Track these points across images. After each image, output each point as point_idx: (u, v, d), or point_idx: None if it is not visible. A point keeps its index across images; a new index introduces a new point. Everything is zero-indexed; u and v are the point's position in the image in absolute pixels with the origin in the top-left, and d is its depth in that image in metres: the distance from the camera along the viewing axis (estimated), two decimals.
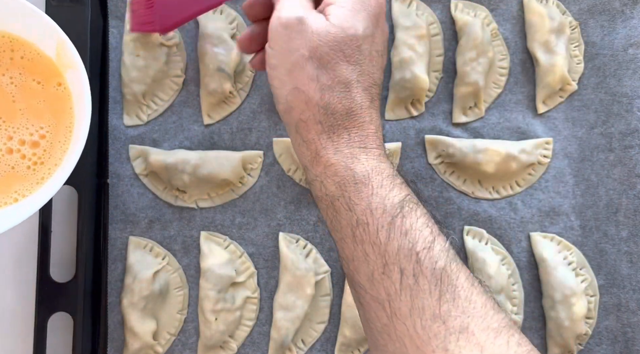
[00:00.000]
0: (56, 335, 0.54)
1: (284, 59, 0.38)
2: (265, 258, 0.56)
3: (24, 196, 0.42)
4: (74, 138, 0.43)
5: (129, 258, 0.54)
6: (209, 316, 0.53)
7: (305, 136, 0.39)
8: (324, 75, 0.38)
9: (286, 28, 0.38)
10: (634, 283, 0.56)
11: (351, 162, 0.38)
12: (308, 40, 0.37)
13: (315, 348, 0.55)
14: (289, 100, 0.39)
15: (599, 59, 0.59)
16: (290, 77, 0.38)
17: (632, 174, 0.57)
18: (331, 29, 0.38)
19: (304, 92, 0.38)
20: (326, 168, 0.39)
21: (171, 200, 0.56)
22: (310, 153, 0.39)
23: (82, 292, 0.53)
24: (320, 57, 0.38)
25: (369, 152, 0.39)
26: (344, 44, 0.38)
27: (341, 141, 0.38)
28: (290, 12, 0.38)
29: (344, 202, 0.38)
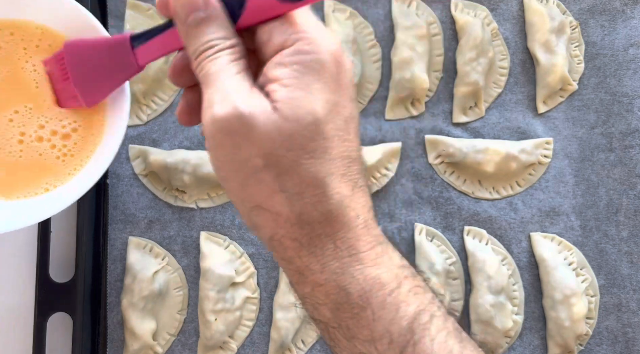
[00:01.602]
0: (56, 335, 0.54)
1: (234, 171, 0.30)
2: (265, 258, 0.56)
3: (54, 186, 0.42)
4: (107, 132, 0.42)
5: (128, 258, 0.54)
6: (209, 317, 0.53)
7: (283, 255, 0.32)
8: (287, 182, 0.30)
9: (227, 134, 0.29)
10: (634, 283, 0.56)
11: (343, 280, 0.31)
12: (258, 146, 0.29)
13: (315, 348, 0.55)
14: (254, 220, 0.31)
15: (599, 58, 0.59)
16: (247, 193, 0.30)
17: (632, 174, 0.57)
18: (283, 124, 0.29)
19: (269, 210, 0.30)
20: (314, 289, 0.31)
21: (171, 200, 0.56)
22: (293, 272, 0.32)
23: (82, 292, 0.53)
24: (277, 163, 0.29)
25: (363, 259, 0.31)
26: (303, 137, 0.29)
27: (326, 253, 0.31)
28: (225, 107, 0.29)
29: (341, 332, 0.32)
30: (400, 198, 0.57)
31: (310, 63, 0.29)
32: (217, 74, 0.30)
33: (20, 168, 0.42)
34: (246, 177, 0.30)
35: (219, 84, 0.29)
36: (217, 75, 0.30)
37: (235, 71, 0.30)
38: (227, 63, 0.30)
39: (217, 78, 0.30)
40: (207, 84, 0.30)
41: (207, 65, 0.30)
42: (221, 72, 0.30)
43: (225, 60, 0.30)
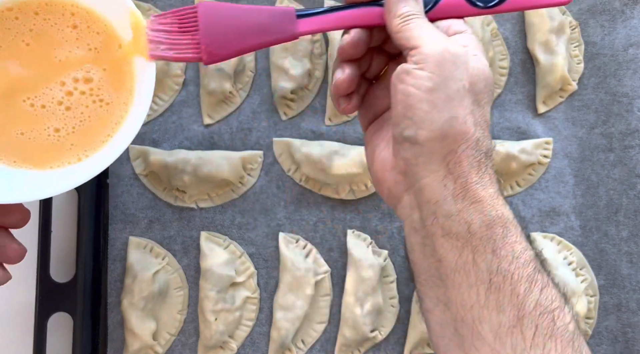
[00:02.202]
0: (56, 335, 0.54)
1: (445, 85, 0.37)
2: (265, 258, 0.56)
3: (86, 156, 0.42)
4: (136, 101, 0.42)
5: (129, 258, 0.54)
6: (209, 316, 0.53)
7: (454, 168, 0.37)
8: (477, 111, 0.37)
9: (454, 56, 0.37)
10: (634, 283, 0.56)
11: (497, 203, 0.37)
12: (470, 74, 0.37)
13: (315, 348, 0.55)
14: (445, 129, 0.37)
15: (599, 58, 0.59)
16: (448, 105, 0.37)
17: (632, 174, 0.57)
18: (486, 68, 0.38)
19: (463, 123, 0.37)
20: (473, 204, 0.37)
21: (171, 200, 0.56)
22: (456, 186, 0.37)
23: (82, 292, 0.53)
24: (477, 92, 0.37)
25: (501, 195, 0.38)
26: (491, 85, 0.38)
27: (486, 179, 0.37)
28: (457, 46, 0.38)
29: (488, 245, 0.36)
30: None
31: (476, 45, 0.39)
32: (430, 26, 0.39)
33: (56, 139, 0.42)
34: (454, 91, 0.37)
35: (436, 31, 0.38)
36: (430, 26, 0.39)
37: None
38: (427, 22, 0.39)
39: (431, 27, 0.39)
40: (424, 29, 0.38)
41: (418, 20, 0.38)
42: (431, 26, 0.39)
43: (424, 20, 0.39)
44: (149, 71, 0.41)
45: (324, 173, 0.55)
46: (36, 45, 0.42)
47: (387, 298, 0.56)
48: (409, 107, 0.37)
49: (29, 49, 0.42)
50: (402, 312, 0.56)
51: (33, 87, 0.42)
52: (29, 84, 0.42)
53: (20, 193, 0.40)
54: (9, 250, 0.41)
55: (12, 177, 0.41)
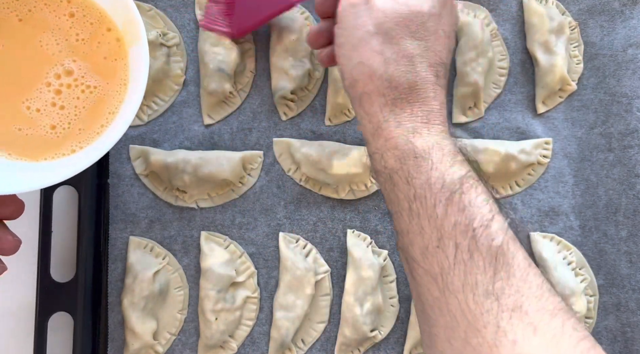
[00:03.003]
0: (56, 335, 0.54)
1: (350, 35, 0.40)
2: (265, 258, 0.56)
3: (81, 147, 0.43)
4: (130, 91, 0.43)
5: (129, 258, 0.54)
6: (209, 316, 0.53)
7: (368, 109, 0.40)
8: (388, 49, 0.39)
9: (354, 7, 0.40)
10: (633, 283, 0.56)
11: (412, 136, 0.39)
12: (374, 17, 0.39)
13: (315, 348, 0.55)
14: (354, 74, 0.40)
15: (598, 59, 0.60)
16: (355, 52, 0.39)
17: (631, 174, 0.57)
18: (396, 6, 0.39)
19: (369, 66, 0.39)
20: (387, 141, 0.39)
21: (171, 200, 0.56)
22: (372, 126, 0.40)
23: (82, 292, 0.53)
24: (385, 32, 0.39)
25: (432, 128, 0.39)
26: (409, 19, 0.39)
27: (403, 115, 0.39)
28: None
29: (402, 176, 0.38)
30: None
31: None
32: None
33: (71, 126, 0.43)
34: (359, 39, 0.39)
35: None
36: None
37: None
38: None
39: None
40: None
41: None
42: None
43: None
44: (143, 62, 0.41)
45: (324, 173, 0.55)
46: (27, 26, 0.43)
47: (387, 298, 0.56)
48: (337, 58, 0.42)
49: (20, 25, 0.42)
50: (402, 312, 0.56)
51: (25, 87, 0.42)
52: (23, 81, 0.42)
53: (15, 185, 0.40)
54: (4, 241, 0.41)
55: (7, 168, 0.41)
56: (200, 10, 0.57)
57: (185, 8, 0.58)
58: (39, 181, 0.40)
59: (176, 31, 0.57)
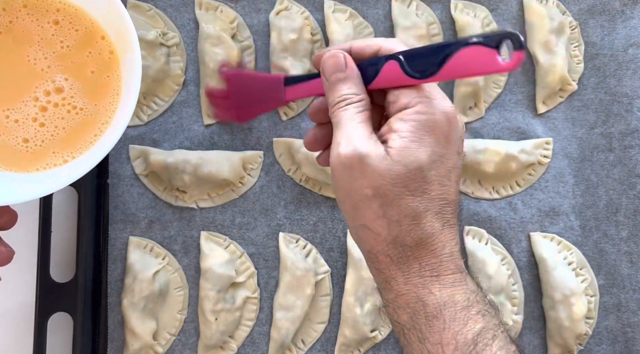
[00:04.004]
0: (56, 335, 0.54)
1: (348, 197, 0.38)
2: (265, 258, 0.56)
3: (73, 157, 0.43)
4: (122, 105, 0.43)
5: (129, 258, 0.54)
6: (209, 316, 0.53)
7: (377, 266, 0.39)
8: (390, 211, 0.37)
9: (347, 168, 0.37)
10: (634, 283, 0.56)
11: (423, 294, 0.37)
12: (370, 179, 0.36)
13: (315, 348, 0.55)
14: (359, 234, 0.39)
15: (599, 59, 0.59)
16: (357, 214, 0.38)
17: (632, 174, 0.57)
18: (393, 166, 0.36)
19: (372, 229, 0.37)
20: (397, 297, 0.38)
21: (171, 200, 0.56)
22: (381, 280, 0.39)
23: (82, 292, 0.53)
24: (384, 194, 0.37)
25: (442, 280, 0.37)
26: (407, 179, 0.36)
27: (412, 271, 0.37)
28: (349, 148, 0.37)
29: (415, 334, 0.37)
30: None
31: (426, 122, 0.37)
32: (345, 121, 0.38)
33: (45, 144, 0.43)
34: (357, 202, 0.37)
35: (345, 129, 0.38)
36: (345, 122, 0.38)
37: (358, 120, 0.38)
38: (354, 114, 0.38)
39: (345, 125, 0.38)
40: (337, 128, 0.39)
41: (339, 113, 0.39)
42: (348, 120, 0.38)
43: (353, 112, 0.38)
44: (136, 70, 0.41)
45: (324, 173, 0.55)
46: (8, 38, 0.42)
47: None
48: (342, 213, 0.40)
49: (1, 37, 0.42)
50: None
51: (8, 97, 0.42)
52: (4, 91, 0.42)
53: (7, 196, 0.40)
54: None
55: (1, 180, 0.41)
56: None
57: (185, 8, 0.58)
58: (31, 192, 0.40)
59: (176, 31, 0.57)
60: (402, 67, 0.38)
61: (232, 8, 0.58)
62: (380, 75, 0.39)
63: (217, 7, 0.58)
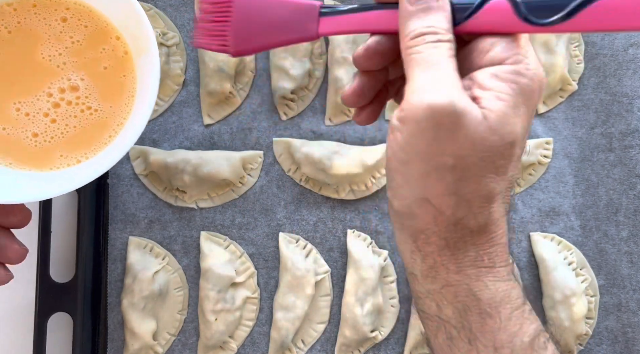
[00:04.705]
0: (56, 335, 0.54)
1: (421, 159, 0.30)
2: (265, 258, 0.56)
3: (87, 157, 0.43)
4: (137, 104, 0.43)
5: (129, 258, 0.54)
6: (209, 317, 0.53)
7: (423, 247, 0.32)
8: (465, 188, 0.30)
9: (434, 123, 0.29)
10: (634, 283, 0.56)
11: (476, 286, 0.32)
12: (457, 147, 0.29)
13: (315, 348, 0.55)
14: (413, 208, 0.32)
15: (599, 58, 0.59)
16: (422, 183, 0.31)
17: (632, 174, 0.57)
18: (489, 136, 0.29)
19: (435, 205, 0.31)
20: (444, 287, 0.32)
21: (171, 200, 0.56)
22: (425, 265, 0.33)
23: (82, 292, 0.53)
24: (466, 167, 0.30)
25: (497, 273, 0.32)
26: (498, 153, 0.30)
27: (466, 259, 0.32)
28: (444, 97, 0.28)
29: (462, 332, 0.32)
30: None
31: (526, 87, 0.30)
32: (438, 62, 0.30)
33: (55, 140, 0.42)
34: (430, 169, 0.30)
35: (438, 72, 0.29)
36: (438, 62, 0.30)
37: (453, 67, 0.30)
38: (448, 56, 0.30)
39: (437, 66, 0.30)
40: (424, 67, 0.30)
41: (427, 49, 0.30)
42: (441, 61, 0.30)
43: (447, 52, 0.30)
44: (153, 73, 0.41)
45: (324, 173, 0.55)
46: (18, 37, 0.42)
47: (387, 298, 0.56)
48: (389, 169, 0.33)
49: (10, 37, 0.42)
50: (402, 312, 0.56)
51: (20, 91, 0.42)
52: (16, 86, 0.42)
53: (21, 194, 0.40)
54: (10, 250, 0.41)
55: (12, 177, 0.41)
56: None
57: (185, 7, 0.58)
58: (44, 192, 0.40)
59: (176, 31, 0.57)
60: (516, 8, 0.30)
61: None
62: (482, 13, 0.31)
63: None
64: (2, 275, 0.42)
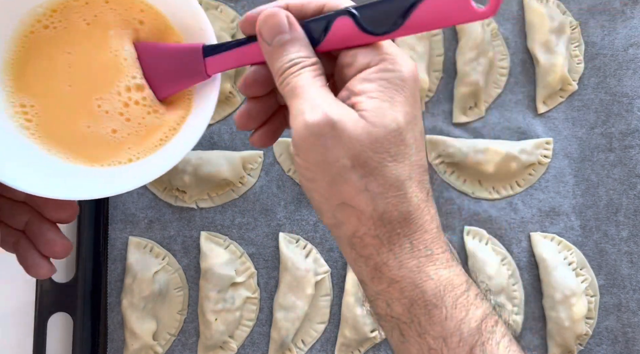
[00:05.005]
0: (56, 335, 0.54)
1: (322, 172, 0.33)
2: (265, 258, 0.56)
3: (138, 158, 0.42)
4: (194, 111, 0.41)
5: (129, 258, 0.54)
6: (209, 317, 0.53)
7: (362, 252, 0.34)
8: (372, 182, 0.32)
9: (318, 137, 0.32)
10: (634, 283, 0.56)
11: (419, 278, 0.33)
12: (347, 148, 0.32)
13: (315, 348, 0.55)
14: (338, 217, 0.34)
15: (599, 58, 0.59)
16: (333, 191, 0.33)
17: (632, 174, 0.57)
18: (371, 129, 0.32)
19: (354, 206, 0.33)
20: (390, 285, 0.34)
21: (171, 200, 0.56)
22: (370, 269, 0.34)
23: (83, 292, 0.53)
24: (364, 163, 0.32)
25: (437, 260, 0.34)
26: (388, 142, 0.32)
27: (404, 252, 0.33)
28: (317, 114, 0.32)
29: (412, 328, 0.33)
30: None
31: (394, 80, 0.33)
32: (304, 87, 0.33)
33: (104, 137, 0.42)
34: (334, 176, 0.32)
35: (307, 95, 0.33)
36: (304, 88, 0.33)
37: (319, 84, 0.33)
38: (312, 78, 0.33)
39: (304, 91, 0.33)
40: (295, 96, 0.33)
41: (292, 80, 0.34)
42: (307, 85, 0.33)
43: (310, 76, 0.33)
44: (211, 81, 0.39)
45: None
46: (95, 29, 0.41)
47: None
48: (306, 192, 0.35)
49: (88, 29, 0.41)
50: None
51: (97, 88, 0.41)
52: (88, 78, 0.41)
53: (76, 190, 0.39)
54: (57, 245, 0.41)
55: (66, 172, 0.40)
56: None
57: None
58: (98, 191, 0.39)
59: None
60: (358, 23, 0.33)
61: (232, 7, 0.58)
62: (331, 34, 0.34)
63: (217, 7, 0.58)
64: (47, 268, 0.41)
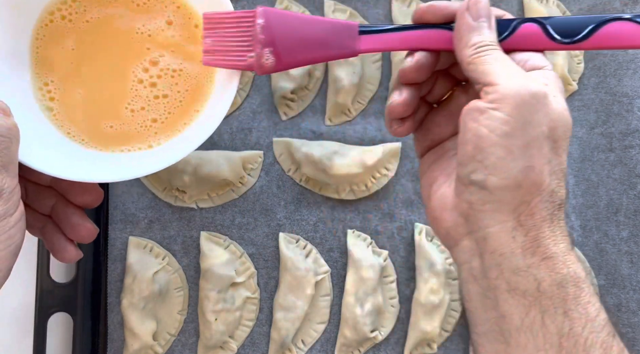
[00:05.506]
0: (56, 335, 0.54)
1: (523, 130, 0.34)
2: (265, 259, 0.56)
3: (159, 143, 0.42)
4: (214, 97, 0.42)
5: (128, 258, 0.54)
6: (209, 317, 0.53)
7: (525, 220, 0.34)
8: (554, 160, 0.34)
9: (534, 98, 0.34)
10: (634, 283, 0.56)
11: (568, 258, 0.34)
12: (550, 118, 0.34)
13: (315, 349, 0.55)
14: (519, 179, 0.34)
15: (599, 58, 0.59)
16: (525, 153, 0.34)
17: (632, 174, 0.57)
18: (566, 112, 0.35)
19: (539, 174, 0.34)
20: (543, 260, 0.34)
21: (171, 200, 0.56)
22: (527, 240, 0.34)
23: (83, 292, 0.53)
24: (555, 139, 0.34)
25: (573, 250, 0.35)
26: (569, 131, 0.35)
27: (558, 232, 0.35)
28: (538, 86, 0.34)
29: (559, 305, 0.34)
30: (400, 198, 0.57)
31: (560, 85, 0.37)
32: (508, 59, 0.36)
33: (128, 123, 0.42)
34: (532, 139, 0.34)
35: (512, 67, 0.35)
36: (508, 60, 0.36)
37: None
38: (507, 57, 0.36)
39: (510, 62, 0.36)
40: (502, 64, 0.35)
41: (494, 52, 0.36)
42: (508, 60, 0.36)
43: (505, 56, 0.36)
44: (231, 77, 0.40)
45: (324, 173, 0.55)
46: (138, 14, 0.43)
47: (387, 298, 0.56)
48: (480, 150, 0.34)
49: (139, 9, 0.43)
50: (402, 312, 0.56)
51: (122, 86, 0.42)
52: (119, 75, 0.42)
53: (99, 173, 0.39)
54: (83, 229, 0.41)
55: (88, 156, 0.41)
56: None
57: None
58: (118, 174, 0.40)
59: None
60: (545, 30, 0.37)
61: None
62: (516, 35, 0.37)
63: None
64: (74, 253, 0.42)
